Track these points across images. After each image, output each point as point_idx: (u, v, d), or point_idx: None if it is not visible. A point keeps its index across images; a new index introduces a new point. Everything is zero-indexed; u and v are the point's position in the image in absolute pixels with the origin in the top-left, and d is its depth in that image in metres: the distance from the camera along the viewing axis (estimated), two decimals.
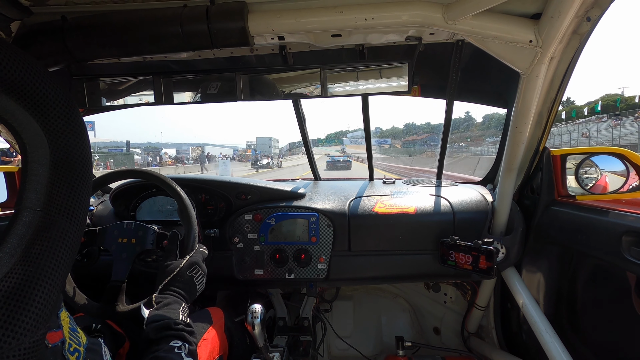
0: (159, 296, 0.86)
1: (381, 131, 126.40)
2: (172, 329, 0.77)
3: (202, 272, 0.96)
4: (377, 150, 65.24)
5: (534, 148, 1.17)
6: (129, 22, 0.84)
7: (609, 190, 1.11)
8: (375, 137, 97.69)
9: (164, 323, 0.77)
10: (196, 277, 0.94)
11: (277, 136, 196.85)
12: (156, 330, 0.76)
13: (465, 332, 1.65)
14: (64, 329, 0.49)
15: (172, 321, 0.78)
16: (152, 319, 0.79)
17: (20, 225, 0.41)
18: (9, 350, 0.37)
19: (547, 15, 0.78)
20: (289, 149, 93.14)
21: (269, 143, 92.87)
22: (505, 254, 1.22)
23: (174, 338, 0.75)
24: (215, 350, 1.03)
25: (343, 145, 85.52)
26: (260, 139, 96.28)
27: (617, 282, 1.00)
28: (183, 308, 0.84)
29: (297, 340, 1.58)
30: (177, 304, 0.84)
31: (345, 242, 1.30)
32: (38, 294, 0.40)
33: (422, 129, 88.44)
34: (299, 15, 0.85)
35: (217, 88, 1.08)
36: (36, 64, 0.44)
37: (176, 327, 0.77)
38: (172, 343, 0.74)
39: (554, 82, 1.00)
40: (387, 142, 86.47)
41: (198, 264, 0.95)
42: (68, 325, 0.50)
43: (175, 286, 0.89)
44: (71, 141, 0.47)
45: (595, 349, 1.07)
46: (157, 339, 0.75)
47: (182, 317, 0.81)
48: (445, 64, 1.19)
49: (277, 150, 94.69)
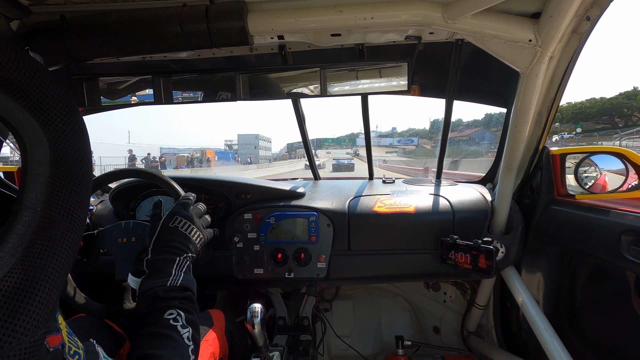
0: (150, 259, 0.78)
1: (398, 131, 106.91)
2: (161, 298, 0.69)
3: (187, 220, 0.85)
4: (399, 153, 58.28)
5: (533, 147, 1.17)
6: (128, 21, 0.84)
7: (609, 190, 1.11)
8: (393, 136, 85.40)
9: (153, 293, 0.70)
10: (182, 227, 0.83)
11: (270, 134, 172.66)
12: (147, 302, 0.69)
13: (465, 331, 1.66)
14: (63, 332, 0.49)
15: (160, 289, 0.70)
16: (142, 288, 0.72)
17: (20, 225, 0.41)
18: (9, 349, 0.36)
19: (547, 15, 0.78)
20: (287, 151, 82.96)
21: (255, 142, 71.10)
22: (504, 253, 1.22)
23: (168, 308, 0.68)
24: (217, 352, 1.03)
25: (356, 147, 72.69)
26: (243, 137, 71.99)
27: (616, 281, 1.00)
28: (178, 265, 0.76)
29: (297, 340, 1.58)
30: (168, 263, 0.75)
31: (345, 242, 1.30)
32: (38, 293, 0.40)
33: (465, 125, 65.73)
34: (299, 14, 0.85)
35: (216, 87, 1.08)
36: (36, 64, 0.44)
37: (166, 294, 0.70)
38: (166, 315, 0.67)
39: (554, 82, 1.00)
40: (413, 142, 72.51)
41: (178, 213, 0.85)
42: (66, 329, 0.50)
43: (162, 244, 0.79)
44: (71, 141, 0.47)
45: (594, 347, 1.07)
46: (150, 312, 0.68)
47: (173, 280, 0.73)
48: (444, 64, 1.19)
49: (267, 153, 78.90)
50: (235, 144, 72.29)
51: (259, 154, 69.30)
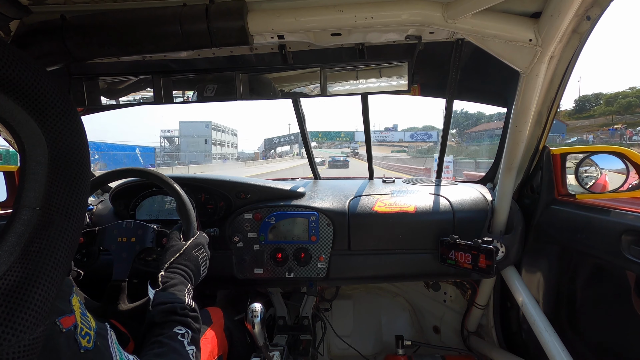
0: (166, 275, 0.84)
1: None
2: (178, 314, 0.75)
3: (207, 254, 0.96)
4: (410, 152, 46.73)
5: (533, 147, 1.17)
6: (128, 21, 0.84)
7: (609, 189, 1.11)
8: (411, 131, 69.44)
9: (171, 307, 0.75)
10: (201, 258, 0.93)
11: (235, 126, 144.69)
12: (162, 313, 0.74)
13: (465, 331, 1.66)
14: (76, 313, 0.50)
15: (178, 305, 0.76)
16: (159, 300, 0.77)
17: (19, 224, 0.42)
18: (8, 347, 0.37)
19: (547, 14, 0.77)
20: (265, 148, 67.95)
21: (205, 134, 49.86)
22: (504, 253, 1.22)
23: (179, 324, 0.73)
24: (215, 350, 1.03)
25: (355, 143, 64.16)
26: (187, 125, 49.74)
27: (616, 281, 1.00)
28: (189, 290, 0.82)
29: (297, 339, 1.58)
30: (183, 285, 0.82)
31: (345, 241, 1.30)
32: (37, 291, 0.40)
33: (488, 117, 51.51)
34: (299, 14, 0.85)
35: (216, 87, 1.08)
36: (34, 64, 0.44)
37: (182, 312, 0.76)
38: (175, 329, 0.72)
39: (554, 81, 1.00)
40: (431, 137, 58.45)
41: (203, 246, 0.95)
42: (79, 310, 0.51)
43: (181, 264, 0.87)
44: (69, 140, 0.47)
45: (594, 347, 1.07)
46: (161, 322, 0.73)
47: (188, 300, 0.79)
48: (445, 63, 1.19)
49: (232, 150, 58.77)
50: (177, 135, 51.03)
51: (211, 150, 49.66)
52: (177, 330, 0.72)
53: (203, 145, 49.81)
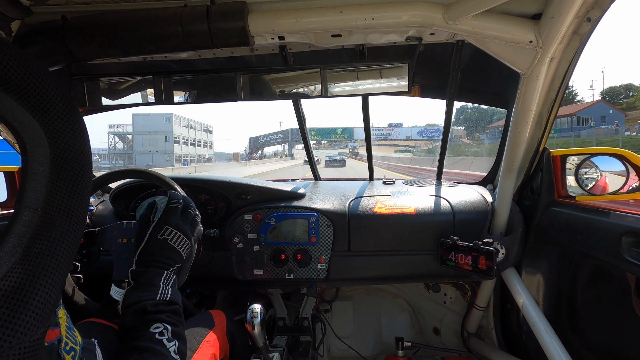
0: (136, 270, 0.75)
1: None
2: (149, 312, 0.68)
3: (177, 231, 0.80)
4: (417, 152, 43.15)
5: (534, 148, 1.17)
6: (129, 21, 0.84)
7: (609, 191, 1.11)
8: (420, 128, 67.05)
9: (140, 306, 0.68)
10: (171, 239, 0.79)
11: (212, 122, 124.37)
12: (133, 315, 0.68)
13: (465, 333, 1.65)
14: (62, 327, 0.48)
15: (148, 303, 0.69)
16: (128, 301, 0.70)
17: (20, 225, 0.42)
18: (9, 349, 0.37)
19: (548, 16, 0.78)
20: (251, 149, 62.41)
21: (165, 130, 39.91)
22: (505, 255, 1.22)
23: (154, 322, 0.67)
24: (217, 353, 1.02)
25: (354, 142, 60.66)
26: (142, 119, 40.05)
27: (616, 283, 1.00)
28: (166, 278, 0.74)
29: (297, 341, 1.58)
30: (156, 276, 0.73)
31: (345, 243, 1.30)
32: (38, 293, 0.40)
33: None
34: (299, 15, 0.85)
35: (217, 88, 1.08)
36: (36, 64, 0.44)
37: (154, 309, 0.68)
38: (152, 329, 0.66)
39: (554, 83, 1.00)
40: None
41: (168, 223, 0.80)
42: (65, 324, 0.50)
43: (149, 257, 0.76)
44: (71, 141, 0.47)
45: (594, 349, 1.07)
46: (134, 325, 0.67)
47: (162, 294, 0.71)
48: (445, 64, 1.19)
49: (203, 150, 48.59)
50: (129, 132, 41.65)
51: (172, 150, 39.67)
52: (154, 329, 0.66)
53: (163, 143, 40.11)
